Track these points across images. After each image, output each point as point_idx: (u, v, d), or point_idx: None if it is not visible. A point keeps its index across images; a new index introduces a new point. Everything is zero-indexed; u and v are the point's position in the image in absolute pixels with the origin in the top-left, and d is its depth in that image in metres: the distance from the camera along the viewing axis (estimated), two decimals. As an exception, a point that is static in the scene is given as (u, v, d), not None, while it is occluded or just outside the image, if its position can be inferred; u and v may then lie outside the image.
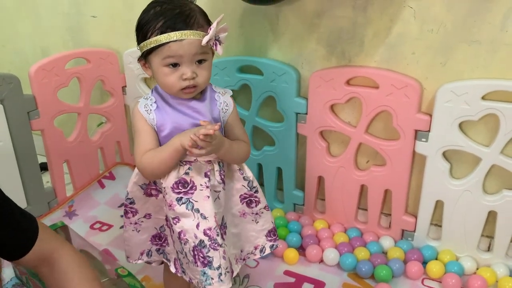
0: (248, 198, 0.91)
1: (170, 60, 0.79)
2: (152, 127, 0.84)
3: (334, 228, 1.29)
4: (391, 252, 1.18)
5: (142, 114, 0.84)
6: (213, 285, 0.84)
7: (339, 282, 1.13)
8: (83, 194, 1.48)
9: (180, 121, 0.83)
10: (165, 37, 0.77)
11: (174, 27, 0.77)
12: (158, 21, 0.78)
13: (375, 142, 1.17)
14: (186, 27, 0.77)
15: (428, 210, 1.17)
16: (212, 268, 0.84)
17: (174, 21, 0.77)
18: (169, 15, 0.78)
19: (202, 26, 0.80)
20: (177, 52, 0.78)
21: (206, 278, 0.84)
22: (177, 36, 0.77)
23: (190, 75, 0.80)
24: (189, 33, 0.77)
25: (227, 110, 0.88)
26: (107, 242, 1.30)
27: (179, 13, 0.78)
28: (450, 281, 1.08)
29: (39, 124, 1.31)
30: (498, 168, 1.06)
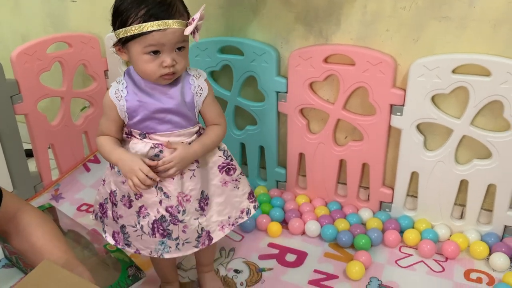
0: (226, 166, 0.94)
1: (151, 48, 0.80)
2: (117, 115, 0.86)
3: (315, 202, 1.34)
4: (369, 223, 1.23)
5: (112, 101, 0.85)
6: (171, 252, 0.90)
7: (321, 251, 1.18)
8: (69, 177, 1.50)
9: (152, 107, 0.85)
10: (148, 26, 0.78)
11: (157, 16, 0.78)
12: (140, 9, 0.78)
13: (352, 118, 1.21)
14: (169, 16, 0.79)
15: (404, 181, 1.22)
16: (170, 239, 0.90)
17: (157, 9, 0.78)
18: (151, 3, 0.78)
19: (183, 14, 0.82)
20: (160, 41, 0.79)
21: (164, 247, 0.90)
22: (161, 25, 0.78)
23: (170, 63, 0.81)
24: (172, 22, 0.79)
25: (201, 94, 0.89)
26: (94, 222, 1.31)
27: (161, 2, 0.79)
28: (425, 247, 1.14)
29: (23, 108, 1.32)
30: (469, 138, 1.12)
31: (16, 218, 0.84)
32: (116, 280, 1.00)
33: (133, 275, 1.03)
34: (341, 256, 1.16)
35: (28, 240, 0.82)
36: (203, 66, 1.33)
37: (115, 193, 0.91)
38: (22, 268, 1.12)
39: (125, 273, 1.02)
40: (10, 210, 0.84)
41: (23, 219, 0.84)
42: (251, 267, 1.13)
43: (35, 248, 0.81)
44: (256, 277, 1.09)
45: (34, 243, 0.82)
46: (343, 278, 1.08)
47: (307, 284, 1.07)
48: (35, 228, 0.83)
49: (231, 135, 1.40)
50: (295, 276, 1.09)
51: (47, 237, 0.83)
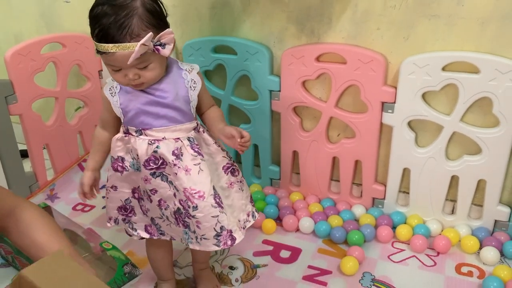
0: (231, 167, 0.94)
1: (109, 66, 0.81)
2: (112, 109, 0.88)
3: (309, 199, 1.35)
4: (362, 219, 1.25)
5: (106, 97, 0.88)
6: (193, 244, 0.90)
7: (315, 248, 1.19)
8: (64, 177, 1.50)
9: (145, 102, 0.85)
10: (99, 46, 0.79)
11: (106, 38, 0.77)
12: (96, 27, 0.78)
13: (344, 115, 1.23)
14: (117, 40, 0.77)
15: (396, 178, 1.24)
16: (190, 231, 0.90)
17: (106, 31, 0.77)
18: (104, 22, 0.77)
19: (138, 35, 0.77)
20: (113, 62, 0.80)
21: (187, 237, 0.91)
22: (109, 48, 0.77)
23: (132, 77, 0.81)
24: (119, 46, 0.77)
25: (195, 87, 0.89)
26: (90, 221, 1.33)
27: (113, 22, 0.77)
28: (417, 242, 1.16)
29: (17, 108, 1.32)
30: (459, 135, 1.14)
31: (16, 214, 0.85)
32: (112, 278, 1.02)
33: (129, 272, 1.04)
34: (335, 252, 1.18)
35: (29, 236, 0.83)
36: (196, 65, 1.34)
37: (139, 188, 0.92)
38: (18, 268, 1.13)
39: (121, 271, 1.04)
40: (6, 206, 0.85)
41: (22, 215, 0.85)
42: (245, 263, 1.14)
43: (36, 244, 0.82)
44: (251, 274, 1.10)
45: (35, 239, 0.83)
46: (336, 274, 1.10)
47: (301, 279, 1.08)
48: (36, 224, 0.84)
49: (225, 134, 1.41)
50: (289, 272, 1.11)
51: (48, 233, 0.83)
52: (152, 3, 0.81)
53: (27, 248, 0.84)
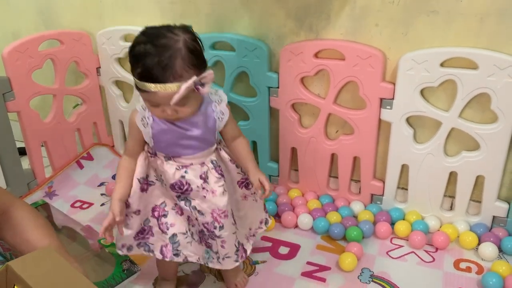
0: (244, 182, 0.98)
1: (148, 102, 0.83)
2: (143, 138, 0.90)
3: (307, 196, 1.35)
4: (361, 215, 1.25)
5: (138, 127, 0.89)
6: (213, 263, 0.94)
7: (313, 244, 1.20)
8: (62, 175, 1.50)
9: (177, 135, 0.87)
10: (141, 84, 0.80)
11: (149, 78, 0.78)
12: (138, 66, 0.79)
13: (343, 112, 1.23)
14: (160, 81, 0.78)
15: (395, 174, 1.24)
16: (212, 251, 0.94)
17: (149, 72, 0.78)
18: (148, 63, 0.78)
19: (181, 75, 0.79)
20: (153, 100, 0.81)
21: (208, 256, 0.95)
22: (151, 88, 0.78)
23: (170, 114, 0.83)
24: (163, 87, 0.78)
25: (222, 118, 0.91)
26: (88, 219, 1.33)
27: (156, 63, 0.77)
28: (416, 238, 1.16)
29: (15, 106, 1.32)
30: (457, 131, 1.14)
31: (9, 213, 0.85)
32: (110, 274, 1.01)
33: (128, 269, 1.04)
34: (333, 248, 1.18)
35: (21, 235, 0.83)
36: (195, 62, 1.34)
37: (163, 204, 0.94)
38: (17, 265, 1.12)
39: (120, 267, 1.03)
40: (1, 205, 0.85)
41: (15, 214, 0.85)
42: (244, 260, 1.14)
43: (28, 243, 0.82)
44: (250, 270, 1.10)
45: (27, 238, 0.83)
46: (335, 270, 1.10)
47: (300, 275, 1.08)
48: (28, 224, 0.84)
49: (224, 131, 1.41)
50: (288, 268, 1.11)
51: (40, 232, 0.84)
52: (193, 43, 0.82)
53: (19, 247, 0.84)
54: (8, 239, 0.85)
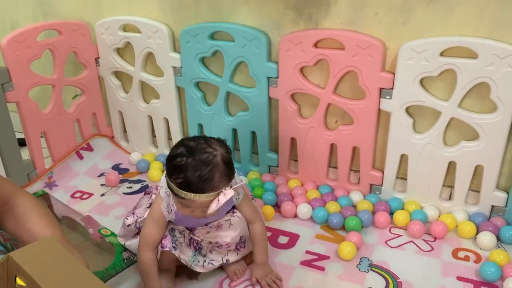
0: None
1: (182, 204, 0.90)
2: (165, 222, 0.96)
3: (306, 186, 1.36)
4: (360, 205, 1.26)
5: (163, 214, 0.95)
6: (198, 266, 0.99)
7: (312, 233, 1.20)
8: (62, 165, 1.50)
9: (197, 223, 0.97)
10: (179, 192, 0.86)
11: (189, 188, 0.85)
12: (179, 176, 0.86)
13: (342, 102, 1.23)
14: (201, 191, 0.85)
15: (394, 164, 1.24)
16: (200, 254, 1.00)
17: (190, 183, 0.85)
18: (189, 176, 0.85)
19: (217, 186, 0.87)
20: (188, 204, 0.89)
21: (194, 259, 0.99)
22: (191, 197, 0.86)
23: (199, 215, 0.91)
24: (200, 196, 0.86)
25: (238, 198, 0.99)
26: (88, 209, 1.33)
27: (198, 177, 0.84)
28: (414, 227, 1.16)
29: (14, 96, 1.32)
30: (457, 120, 1.14)
31: (11, 203, 0.85)
32: (111, 263, 1.02)
33: (128, 258, 1.04)
34: (332, 237, 1.18)
35: (23, 225, 0.83)
36: (194, 52, 1.33)
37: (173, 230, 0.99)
38: (17, 254, 1.13)
39: (120, 257, 1.04)
40: (3, 194, 0.85)
41: (18, 203, 0.85)
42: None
43: (30, 233, 0.82)
44: (249, 258, 1.11)
45: (29, 228, 0.82)
46: (334, 258, 1.10)
47: (299, 264, 1.09)
48: (30, 214, 0.84)
49: (223, 121, 1.41)
50: (287, 257, 1.11)
51: (42, 222, 0.83)
52: (228, 156, 0.89)
53: (21, 236, 0.84)
54: (10, 228, 0.85)
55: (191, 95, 1.41)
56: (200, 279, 1.05)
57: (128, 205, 1.34)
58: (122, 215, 1.30)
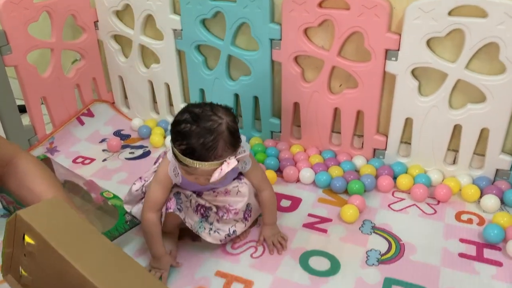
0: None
1: (186, 170, 0.88)
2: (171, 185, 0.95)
3: (309, 151, 1.34)
4: (363, 169, 1.25)
5: (169, 177, 0.93)
6: (204, 234, 0.99)
7: (315, 197, 1.20)
8: (63, 131, 1.49)
9: (203, 188, 0.97)
10: (183, 158, 0.85)
11: (192, 156, 0.83)
12: (182, 143, 0.84)
13: (347, 64, 1.20)
14: (202, 159, 0.84)
15: (398, 128, 1.23)
16: (207, 221, 1.00)
17: (193, 150, 0.83)
18: (193, 143, 0.83)
19: (221, 155, 0.85)
20: (191, 171, 0.87)
21: (200, 226, 0.99)
22: (193, 164, 0.84)
23: (203, 182, 0.89)
24: (203, 164, 0.84)
25: (245, 167, 0.98)
26: (90, 174, 1.33)
27: (201, 145, 0.83)
28: (418, 191, 1.16)
29: (12, 59, 1.29)
30: (463, 82, 1.11)
31: (13, 164, 0.84)
32: (113, 226, 1.02)
33: (130, 220, 1.04)
34: (335, 201, 1.18)
35: (26, 186, 0.83)
36: (194, 14, 1.30)
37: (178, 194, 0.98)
38: (20, 217, 1.13)
39: (123, 219, 1.04)
40: (4, 155, 0.84)
41: (20, 164, 0.84)
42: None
43: (33, 194, 0.82)
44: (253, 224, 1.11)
45: (32, 189, 0.82)
46: (336, 221, 1.10)
47: (302, 227, 1.09)
48: (33, 174, 0.84)
49: (225, 86, 1.38)
50: (290, 220, 1.11)
51: (45, 183, 0.83)
52: (234, 125, 0.87)
53: (24, 197, 0.84)
54: (13, 189, 0.85)
55: (192, 58, 1.39)
56: (203, 241, 1.05)
57: (131, 170, 1.34)
58: (124, 180, 1.30)
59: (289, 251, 1.01)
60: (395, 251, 1.00)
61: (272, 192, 1.02)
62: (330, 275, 0.95)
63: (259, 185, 1.01)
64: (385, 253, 1.00)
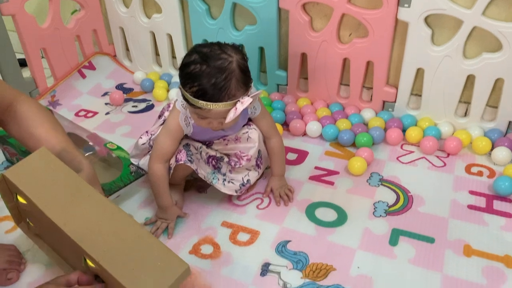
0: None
1: (198, 115, 0.85)
2: (182, 135, 0.93)
3: (316, 105, 1.31)
4: (371, 122, 1.22)
5: (181, 126, 0.91)
6: (218, 184, 0.97)
7: (322, 150, 1.18)
8: (65, 84, 1.46)
9: (213, 136, 0.96)
10: (194, 101, 0.81)
11: (205, 97, 0.80)
12: (193, 85, 0.80)
13: (357, 11, 1.15)
14: (216, 100, 0.80)
15: (409, 79, 1.19)
16: (220, 172, 0.98)
17: (205, 91, 0.80)
18: (204, 83, 0.79)
19: (234, 95, 0.81)
20: (205, 115, 0.84)
21: (213, 177, 0.97)
22: (206, 106, 0.80)
23: (216, 126, 0.86)
24: (217, 105, 0.80)
25: (255, 112, 0.95)
26: (93, 127, 1.31)
27: (213, 84, 0.79)
28: (427, 143, 1.13)
29: (9, 8, 1.25)
30: (479, 30, 1.06)
31: (13, 107, 0.83)
32: (118, 176, 1.01)
33: (135, 171, 1.03)
34: (342, 154, 1.16)
35: (26, 129, 0.82)
36: (198, -42, 1.24)
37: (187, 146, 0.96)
38: (24, 169, 1.12)
39: (127, 170, 1.03)
40: (6, 98, 0.83)
41: (20, 108, 0.83)
42: (252, 165, 1.13)
43: (34, 137, 0.81)
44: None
45: (32, 132, 0.81)
46: (344, 174, 1.09)
47: (308, 179, 1.07)
48: (33, 118, 0.82)
49: (230, 37, 1.34)
50: (296, 173, 1.10)
51: (45, 126, 0.82)
52: (244, 63, 0.83)
53: (26, 142, 0.83)
54: (14, 134, 0.84)
55: (195, 7, 1.33)
56: (209, 192, 1.04)
57: (134, 123, 1.32)
58: (128, 133, 1.28)
59: (295, 203, 1.00)
60: (403, 203, 0.99)
61: (281, 140, 1.00)
62: (336, 225, 0.94)
63: (268, 131, 0.98)
64: (392, 205, 0.98)
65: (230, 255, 0.88)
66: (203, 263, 0.86)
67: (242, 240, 0.91)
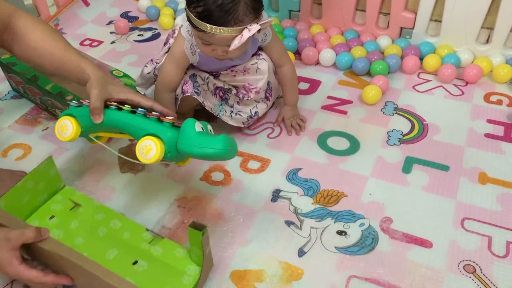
0: None
1: (202, 40, 0.80)
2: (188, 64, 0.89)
3: (330, 32, 1.25)
4: (388, 50, 1.17)
5: (186, 55, 0.87)
6: (225, 117, 0.94)
7: (335, 79, 1.14)
8: (68, 12, 1.41)
9: (220, 68, 0.91)
10: (198, 23, 0.76)
11: (210, 19, 0.75)
12: (199, 4, 0.75)
13: None
14: (221, 24, 0.75)
15: (429, 3, 1.12)
16: (227, 104, 0.95)
17: (211, 13, 0.74)
18: (210, 4, 0.74)
19: (242, 20, 0.76)
20: (208, 40, 0.79)
21: (221, 109, 0.94)
22: (212, 30, 0.75)
23: (220, 54, 0.82)
24: (222, 29, 0.75)
25: (265, 40, 0.90)
26: (99, 56, 1.27)
27: (220, 6, 0.74)
28: (445, 71, 1.09)
29: None
30: None
31: (11, 24, 0.80)
32: (126, 104, 0.99)
33: (143, 99, 1.01)
34: (356, 83, 1.12)
35: (28, 45, 0.80)
36: None
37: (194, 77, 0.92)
38: (31, 98, 1.11)
39: (135, 98, 1.00)
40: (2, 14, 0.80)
41: (18, 23, 0.80)
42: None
43: (38, 51, 0.79)
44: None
45: (35, 46, 0.79)
46: (357, 103, 1.06)
47: (320, 109, 1.05)
48: (32, 31, 0.80)
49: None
50: (308, 102, 1.07)
51: (46, 39, 0.80)
52: None
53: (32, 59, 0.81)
54: (18, 53, 0.82)
55: None
56: (219, 121, 1.02)
57: (141, 52, 1.28)
58: (134, 62, 1.24)
59: (307, 132, 0.99)
60: (418, 131, 0.96)
61: (293, 68, 0.96)
62: (349, 154, 0.92)
63: (280, 59, 0.94)
64: (407, 133, 0.96)
65: (241, 182, 0.88)
66: (214, 189, 0.86)
67: (253, 168, 0.91)
